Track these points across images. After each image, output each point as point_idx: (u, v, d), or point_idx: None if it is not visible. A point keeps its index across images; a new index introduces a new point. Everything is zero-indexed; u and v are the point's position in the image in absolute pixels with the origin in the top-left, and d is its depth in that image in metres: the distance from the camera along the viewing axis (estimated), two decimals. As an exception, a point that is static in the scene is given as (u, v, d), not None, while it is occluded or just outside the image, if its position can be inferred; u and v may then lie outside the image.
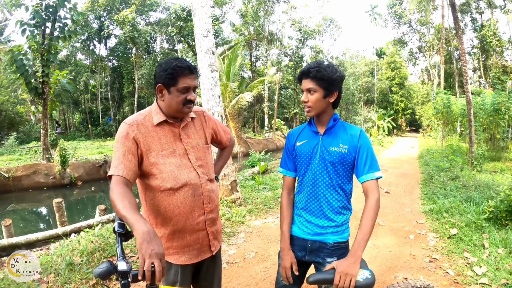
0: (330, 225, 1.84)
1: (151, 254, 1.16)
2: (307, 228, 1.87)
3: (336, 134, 1.83)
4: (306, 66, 1.78)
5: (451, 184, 8.05)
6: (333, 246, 1.84)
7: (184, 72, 1.64)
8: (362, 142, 1.79)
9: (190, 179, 1.70)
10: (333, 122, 1.82)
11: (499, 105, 13.43)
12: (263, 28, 29.42)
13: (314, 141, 1.85)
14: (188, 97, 1.67)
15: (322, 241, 1.85)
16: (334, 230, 1.84)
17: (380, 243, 4.61)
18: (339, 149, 1.78)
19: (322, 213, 1.84)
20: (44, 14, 11.96)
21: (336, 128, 1.84)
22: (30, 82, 12.50)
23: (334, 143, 1.80)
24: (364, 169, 1.76)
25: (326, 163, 1.80)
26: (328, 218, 1.84)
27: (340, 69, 1.77)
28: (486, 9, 31.86)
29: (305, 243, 1.88)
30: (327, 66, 1.73)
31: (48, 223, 10.01)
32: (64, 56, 31.10)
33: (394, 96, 41.26)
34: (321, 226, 1.84)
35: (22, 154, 17.07)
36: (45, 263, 3.58)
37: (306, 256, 1.89)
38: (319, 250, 1.86)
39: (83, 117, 36.26)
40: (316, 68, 1.72)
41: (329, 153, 1.80)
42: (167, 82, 1.64)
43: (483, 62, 32.92)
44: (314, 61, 1.79)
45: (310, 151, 1.85)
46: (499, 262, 3.75)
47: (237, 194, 6.39)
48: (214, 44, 6.20)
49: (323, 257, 1.84)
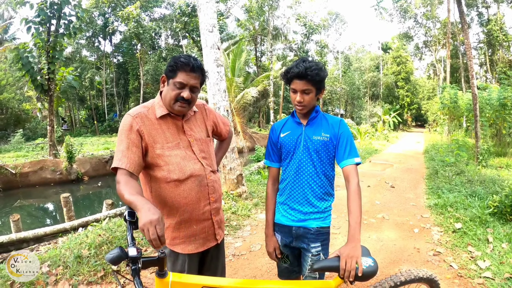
0: (313, 211, 1.93)
1: (145, 222, 1.21)
2: (290, 215, 1.97)
3: (318, 124, 1.94)
4: (301, 68, 1.77)
5: (456, 179, 8.04)
6: (316, 231, 1.93)
7: (184, 68, 1.65)
8: (343, 130, 1.89)
9: (195, 171, 1.74)
10: (315, 113, 1.94)
11: (505, 100, 13.31)
12: (268, 23, 29.31)
13: (298, 131, 1.95)
14: (182, 94, 1.67)
15: (306, 226, 1.93)
16: (317, 216, 1.93)
17: (384, 237, 4.64)
18: (322, 138, 1.89)
19: (306, 200, 1.93)
20: (49, 11, 12.00)
21: (318, 119, 1.95)
22: (36, 79, 12.58)
23: (316, 132, 1.91)
24: (344, 155, 1.85)
25: (310, 151, 1.90)
26: (312, 204, 1.93)
27: None
28: (492, 3, 31.45)
29: (290, 229, 1.97)
30: (321, 67, 1.79)
31: (55, 218, 10.12)
32: (69, 53, 31.15)
33: (400, 91, 41.00)
34: (304, 212, 1.94)
35: (28, 150, 17.19)
36: (54, 256, 3.64)
37: (293, 242, 1.98)
38: (303, 235, 1.94)
39: (89, 113, 36.36)
40: (315, 71, 1.76)
41: (312, 142, 1.90)
42: (167, 73, 1.68)
43: (490, 57, 32.58)
44: (303, 61, 1.80)
45: (294, 141, 1.95)
46: (503, 257, 3.77)
47: (243, 188, 6.43)
48: (219, 39, 6.22)
49: (307, 242, 1.93)
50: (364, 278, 1.59)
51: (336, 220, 5.30)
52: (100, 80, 34.37)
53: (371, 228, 5.01)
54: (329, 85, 36.89)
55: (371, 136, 23.31)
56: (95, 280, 3.32)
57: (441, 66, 35.31)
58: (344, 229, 4.91)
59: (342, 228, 4.97)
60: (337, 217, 5.45)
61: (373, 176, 9.44)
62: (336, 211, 5.63)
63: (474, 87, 10.79)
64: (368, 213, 5.71)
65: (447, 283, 3.28)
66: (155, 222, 1.21)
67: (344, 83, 37.82)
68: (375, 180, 8.79)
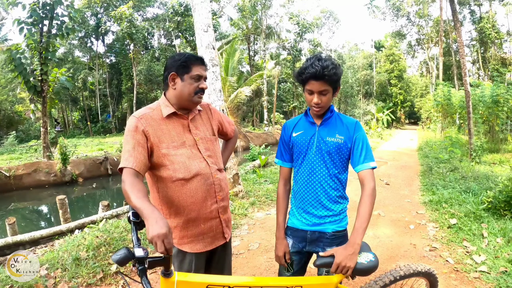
0: (328, 214, 1.87)
1: (153, 236, 1.21)
2: (305, 219, 1.90)
3: (332, 125, 1.86)
4: (317, 67, 1.66)
5: (450, 175, 8.12)
6: (332, 236, 1.87)
7: (197, 62, 1.73)
8: (358, 133, 1.82)
9: (201, 169, 1.76)
10: (329, 113, 1.85)
11: (498, 97, 13.46)
12: (261, 22, 29.32)
13: (311, 131, 1.88)
14: (200, 85, 1.74)
15: (321, 231, 1.88)
16: (332, 219, 1.88)
17: (381, 233, 4.68)
18: (336, 139, 1.82)
19: (320, 203, 1.87)
20: (41, 12, 11.88)
21: (333, 119, 1.88)
22: (29, 80, 12.45)
23: (330, 134, 1.83)
24: (360, 159, 1.79)
25: (323, 153, 1.83)
26: (326, 208, 1.87)
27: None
28: (484, 1, 31.75)
29: (304, 234, 1.91)
30: (336, 64, 1.70)
31: (50, 221, 10.06)
32: (61, 53, 30.91)
33: (393, 88, 41.25)
34: (319, 216, 1.87)
35: (22, 152, 17.03)
36: (51, 259, 3.63)
37: (306, 247, 1.92)
38: (318, 240, 1.89)
39: (82, 114, 36.14)
40: (332, 70, 1.67)
41: (326, 143, 1.83)
42: (180, 70, 1.71)
43: (482, 54, 32.89)
44: (318, 60, 1.69)
45: (307, 142, 1.88)
46: (498, 251, 3.83)
47: (239, 187, 6.46)
48: (214, 39, 6.23)
49: (322, 246, 1.88)
50: (365, 273, 1.61)
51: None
52: (93, 80, 34.15)
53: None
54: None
55: (365, 134, 23.35)
56: (94, 282, 3.31)
57: (433, 64, 35.52)
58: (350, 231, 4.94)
59: (350, 229, 5.00)
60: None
61: (368, 173, 9.47)
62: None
63: (466, 84, 10.88)
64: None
65: (443, 278, 3.32)
66: (162, 236, 1.21)
67: (337, 81, 37.83)
68: (370, 177, 8.82)
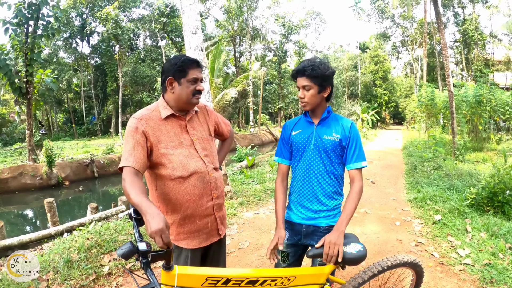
0: (323, 209, 1.99)
1: (151, 232, 1.27)
2: (301, 213, 2.02)
3: (329, 124, 2.00)
4: (301, 65, 1.92)
5: (435, 174, 8.31)
6: (326, 230, 1.97)
7: (192, 65, 1.79)
8: (353, 133, 1.96)
9: (198, 168, 1.83)
10: (327, 113, 1.99)
11: (481, 97, 13.82)
12: (247, 23, 29.38)
13: (309, 130, 2.02)
14: (197, 87, 1.82)
15: (316, 225, 2.00)
16: (326, 214, 1.99)
17: (368, 230, 4.79)
18: (332, 138, 1.95)
19: (315, 198, 1.99)
20: (27, 12, 11.71)
21: (330, 119, 2.02)
22: (14, 82, 12.21)
23: (327, 132, 1.97)
24: (352, 158, 1.95)
25: (320, 150, 1.96)
26: (321, 202, 1.99)
27: (331, 65, 1.93)
28: (468, 3, 32.34)
29: (300, 227, 2.03)
30: (320, 63, 1.89)
31: (36, 225, 9.92)
32: (46, 54, 30.42)
33: (378, 89, 41.67)
34: (314, 210, 1.99)
35: (6, 156, 16.73)
36: (43, 262, 3.61)
37: (301, 240, 2.04)
38: (313, 233, 2.01)
39: (67, 116, 35.65)
40: (310, 67, 1.87)
41: (323, 141, 1.96)
42: (177, 74, 1.78)
43: (465, 56, 33.46)
44: (307, 60, 1.94)
45: (305, 140, 2.01)
46: (482, 245, 3.98)
47: (228, 188, 6.50)
48: (202, 41, 6.26)
49: (316, 240, 1.96)
50: (354, 262, 1.72)
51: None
52: (78, 82, 33.68)
53: (354, 222, 5.15)
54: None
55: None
56: (87, 283, 3.31)
57: (418, 65, 36.13)
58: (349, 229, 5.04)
59: None
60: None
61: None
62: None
63: (450, 85, 11.15)
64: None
65: (429, 271, 3.43)
66: (159, 232, 1.27)
67: (322, 82, 38.11)
68: (357, 176, 8.94)
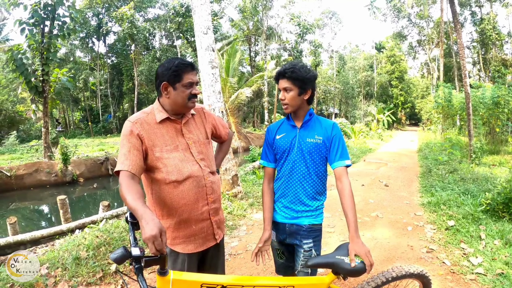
0: (305, 209, 2.03)
1: (144, 238, 1.26)
2: (284, 213, 2.07)
3: (312, 127, 2.04)
4: (282, 68, 1.96)
5: (449, 177, 8.14)
6: (308, 228, 2.03)
7: (187, 69, 1.77)
8: (335, 133, 2.00)
9: (193, 172, 1.81)
10: (308, 116, 2.04)
11: (498, 99, 13.48)
12: (262, 23, 29.35)
13: (292, 134, 2.05)
14: (193, 91, 1.79)
15: (298, 224, 2.04)
16: (309, 214, 2.04)
17: (378, 235, 4.71)
18: (315, 140, 1.99)
19: (298, 199, 2.03)
20: (42, 12, 11.94)
21: (312, 122, 2.06)
22: (30, 81, 12.50)
23: (310, 135, 2.01)
24: (336, 157, 1.98)
25: (303, 153, 2.00)
26: (303, 203, 2.03)
27: (313, 70, 1.98)
28: (485, 2, 31.72)
29: (284, 226, 2.08)
30: (301, 67, 1.92)
31: (50, 220, 10.10)
32: (63, 54, 31.00)
33: (394, 90, 41.22)
34: (296, 210, 2.04)
35: (23, 152, 17.07)
36: (52, 258, 3.66)
37: (287, 239, 2.09)
38: (296, 232, 2.05)
39: (83, 114, 36.23)
40: (290, 69, 1.91)
41: (306, 144, 2.00)
42: (172, 79, 1.75)
43: (483, 56, 32.84)
44: (289, 62, 1.98)
45: (288, 143, 2.05)
46: (495, 253, 3.85)
47: (238, 188, 6.49)
48: (214, 41, 6.25)
49: (300, 239, 2.03)
50: (356, 273, 1.67)
51: (331, 219, 5.36)
52: (94, 81, 34.23)
53: (365, 226, 5.08)
54: (323, 84, 37.06)
55: (365, 135, 23.41)
56: (94, 281, 3.35)
57: (434, 65, 35.51)
58: (339, 228, 4.97)
59: (336, 227, 5.03)
60: (332, 216, 5.51)
61: (367, 175, 9.52)
62: (330, 210, 5.69)
63: (467, 86, 10.90)
64: (362, 212, 5.77)
65: (439, 280, 3.35)
66: (152, 238, 1.25)
67: (338, 82, 38.00)
68: (369, 179, 8.87)
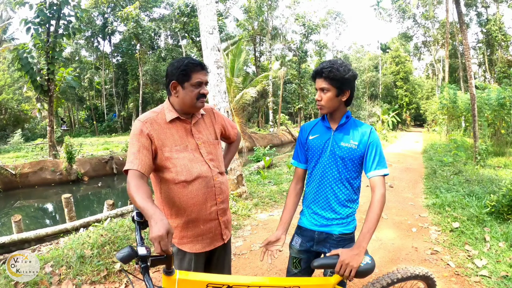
0: (336, 217, 1.92)
1: (151, 237, 1.26)
2: (314, 219, 1.96)
3: (347, 131, 1.90)
4: (320, 66, 1.83)
5: (454, 179, 8.10)
6: (338, 237, 1.93)
7: (196, 68, 1.76)
8: (372, 140, 1.86)
9: (203, 172, 1.81)
10: (345, 119, 1.90)
11: (504, 100, 13.36)
12: (267, 23, 29.37)
13: (326, 136, 1.93)
14: (201, 91, 1.79)
15: (328, 232, 1.94)
16: (340, 222, 1.93)
17: (383, 236, 4.69)
18: (350, 145, 1.86)
19: (329, 206, 1.92)
20: (48, 12, 12.03)
21: (348, 125, 1.92)
22: (35, 80, 12.59)
23: (345, 139, 1.88)
24: (372, 166, 1.84)
25: (336, 157, 1.88)
26: (334, 211, 1.92)
27: (352, 68, 1.82)
28: (492, 3, 31.54)
29: (312, 234, 1.97)
30: (339, 65, 1.79)
31: (55, 219, 10.15)
32: (68, 53, 31.13)
33: (399, 90, 41.01)
34: (327, 218, 1.93)
35: (28, 151, 17.16)
36: (56, 256, 3.67)
37: (314, 246, 1.97)
38: (325, 240, 1.95)
39: (88, 113, 36.34)
40: (328, 69, 1.78)
41: (340, 148, 1.88)
42: (181, 78, 1.75)
43: (488, 57, 32.66)
44: (327, 61, 1.83)
45: (321, 145, 1.93)
46: (500, 255, 3.83)
47: (243, 188, 6.49)
48: (219, 41, 6.26)
49: (329, 247, 1.93)
50: (361, 275, 1.65)
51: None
52: (99, 80, 34.39)
53: (370, 227, 5.06)
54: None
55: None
56: (98, 279, 3.36)
57: (440, 66, 35.40)
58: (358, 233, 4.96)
59: (357, 232, 5.02)
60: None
61: (372, 176, 9.46)
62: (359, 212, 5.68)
63: (472, 87, 10.83)
64: (367, 213, 5.75)
65: (444, 281, 3.33)
66: (159, 238, 1.25)
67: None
68: (374, 180, 8.81)
